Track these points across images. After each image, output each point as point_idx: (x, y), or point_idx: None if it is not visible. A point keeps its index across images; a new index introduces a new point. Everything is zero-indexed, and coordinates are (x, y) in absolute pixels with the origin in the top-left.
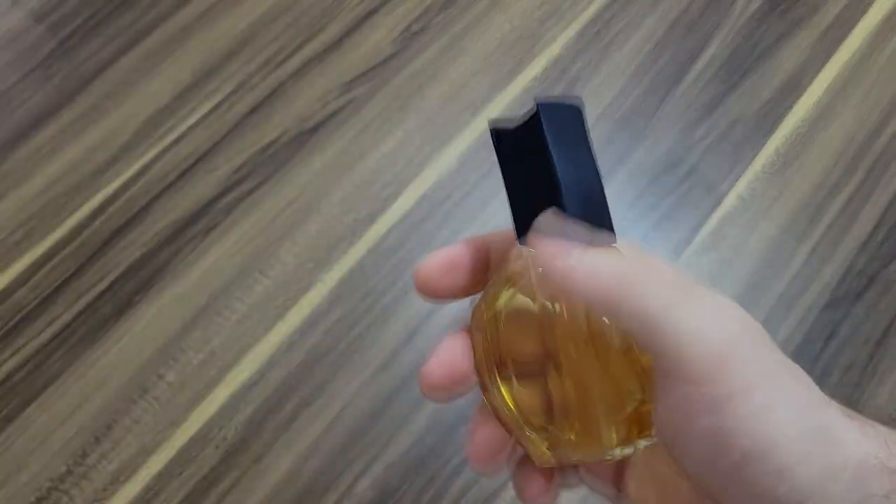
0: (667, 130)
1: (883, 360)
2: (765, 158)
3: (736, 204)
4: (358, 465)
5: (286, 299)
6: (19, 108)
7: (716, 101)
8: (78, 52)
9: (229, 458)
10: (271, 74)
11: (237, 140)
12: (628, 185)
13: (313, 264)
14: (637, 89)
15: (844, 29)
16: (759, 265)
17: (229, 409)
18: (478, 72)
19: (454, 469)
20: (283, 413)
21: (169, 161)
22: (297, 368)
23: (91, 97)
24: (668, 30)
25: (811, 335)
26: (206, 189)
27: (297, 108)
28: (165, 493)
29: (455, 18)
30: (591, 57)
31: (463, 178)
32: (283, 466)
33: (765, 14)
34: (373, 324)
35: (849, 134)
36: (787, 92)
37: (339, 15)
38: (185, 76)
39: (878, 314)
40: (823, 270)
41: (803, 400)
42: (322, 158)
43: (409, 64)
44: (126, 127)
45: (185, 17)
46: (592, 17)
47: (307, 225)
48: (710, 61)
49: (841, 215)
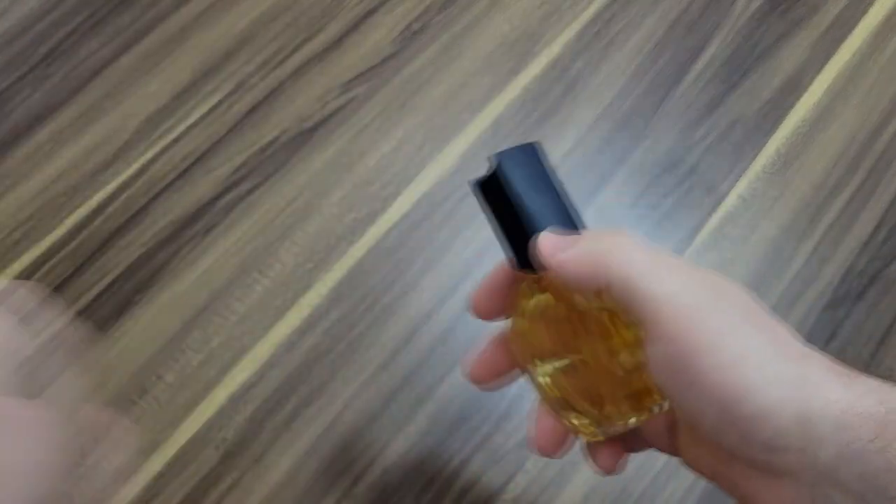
0: (667, 130)
1: (884, 359)
2: (765, 158)
3: (736, 204)
4: (358, 465)
5: (286, 299)
6: (18, 108)
7: (716, 101)
8: (77, 52)
9: (229, 458)
10: (270, 74)
11: (236, 140)
12: (628, 185)
13: (313, 264)
14: (637, 89)
15: (845, 29)
16: (759, 265)
17: (229, 410)
18: (478, 71)
19: (454, 469)
20: (283, 413)
21: (168, 161)
22: (297, 369)
23: (90, 97)
24: (668, 30)
25: (812, 335)
26: (205, 189)
27: (297, 107)
28: (165, 493)
29: (455, 18)
30: (591, 57)
31: (463, 178)
32: (283, 467)
33: (765, 14)
34: (373, 324)
35: (850, 134)
36: (788, 92)
37: (338, 14)
38: (184, 76)
39: (879, 314)
40: (824, 270)
41: (779, 351)
42: (322, 158)
43: (408, 63)
44: (125, 127)
45: (183, 17)
46: (592, 16)
47: (307, 225)
48: (710, 61)
49: (842, 215)
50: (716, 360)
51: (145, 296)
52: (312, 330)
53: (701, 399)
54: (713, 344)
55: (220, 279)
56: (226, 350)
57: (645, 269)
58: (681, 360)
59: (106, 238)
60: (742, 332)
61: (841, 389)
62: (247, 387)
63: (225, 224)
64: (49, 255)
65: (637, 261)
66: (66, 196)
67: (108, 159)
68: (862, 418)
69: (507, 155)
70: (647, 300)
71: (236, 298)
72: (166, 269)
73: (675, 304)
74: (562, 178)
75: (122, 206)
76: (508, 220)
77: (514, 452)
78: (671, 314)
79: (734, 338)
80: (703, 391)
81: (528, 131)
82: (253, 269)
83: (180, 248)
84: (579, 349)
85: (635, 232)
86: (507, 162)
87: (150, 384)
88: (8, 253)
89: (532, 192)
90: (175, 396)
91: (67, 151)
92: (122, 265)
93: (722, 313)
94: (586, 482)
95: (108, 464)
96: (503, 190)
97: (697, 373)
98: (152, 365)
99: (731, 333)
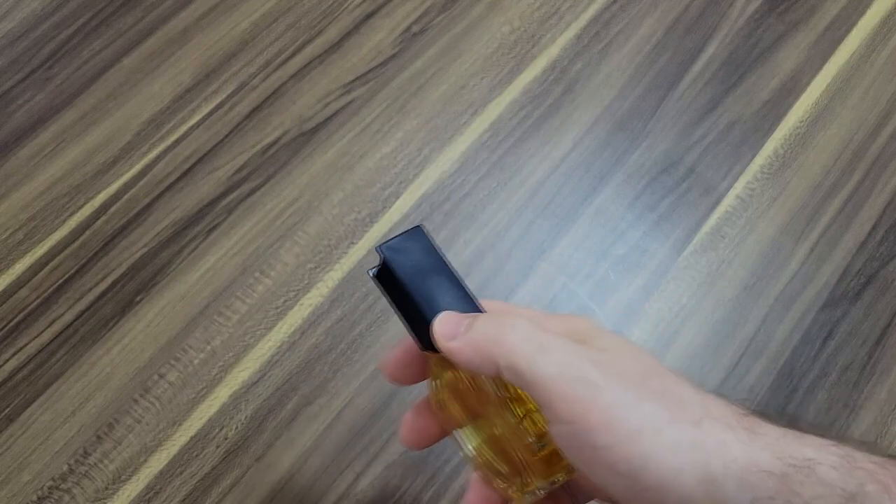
0: (665, 131)
1: (881, 359)
2: (763, 159)
3: (734, 204)
4: (359, 463)
5: (287, 299)
6: (21, 109)
7: (714, 102)
8: (79, 53)
9: (230, 457)
10: (272, 75)
11: (238, 141)
12: (627, 185)
13: (314, 264)
14: (636, 90)
15: (843, 30)
16: (757, 265)
17: (230, 409)
18: (477, 73)
19: (454, 468)
20: (284, 412)
21: (170, 161)
22: (298, 368)
23: (92, 98)
24: (667, 31)
25: (809, 335)
26: (207, 189)
27: (298, 108)
28: (167, 491)
29: (455, 20)
30: (590, 58)
31: (463, 179)
32: (285, 465)
33: (763, 15)
34: (373, 324)
35: (847, 134)
36: (786, 93)
37: (339, 16)
38: (187, 77)
39: (876, 314)
40: (822, 270)
41: (674, 416)
42: (323, 159)
43: (409, 65)
44: (127, 127)
45: (185, 19)
46: (591, 18)
47: (308, 225)
48: (708, 62)
49: (839, 215)
50: (612, 437)
51: (147, 295)
52: (313, 329)
53: (606, 471)
54: (607, 421)
55: (221, 279)
56: (227, 349)
57: (528, 354)
58: (580, 438)
59: (108, 238)
60: (634, 404)
61: (740, 448)
62: (248, 385)
63: (227, 224)
64: (52, 255)
65: (520, 347)
66: (68, 196)
67: (110, 160)
68: (762, 475)
69: (393, 246)
70: (535, 385)
71: (238, 298)
72: (168, 269)
73: (563, 385)
74: (560, 179)
75: (124, 206)
76: (405, 307)
77: None
78: (561, 395)
79: (627, 410)
80: (606, 465)
81: (527, 132)
82: (254, 268)
83: (182, 248)
84: (490, 419)
85: (634, 233)
86: (394, 253)
87: (153, 383)
88: (11, 253)
89: (422, 278)
90: (177, 395)
91: (70, 152)
92: (124, 265)
93: (613, 387)
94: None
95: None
96: (395, 280)
97: (597, 449)
98: (154, 364)
99: (623, 406)
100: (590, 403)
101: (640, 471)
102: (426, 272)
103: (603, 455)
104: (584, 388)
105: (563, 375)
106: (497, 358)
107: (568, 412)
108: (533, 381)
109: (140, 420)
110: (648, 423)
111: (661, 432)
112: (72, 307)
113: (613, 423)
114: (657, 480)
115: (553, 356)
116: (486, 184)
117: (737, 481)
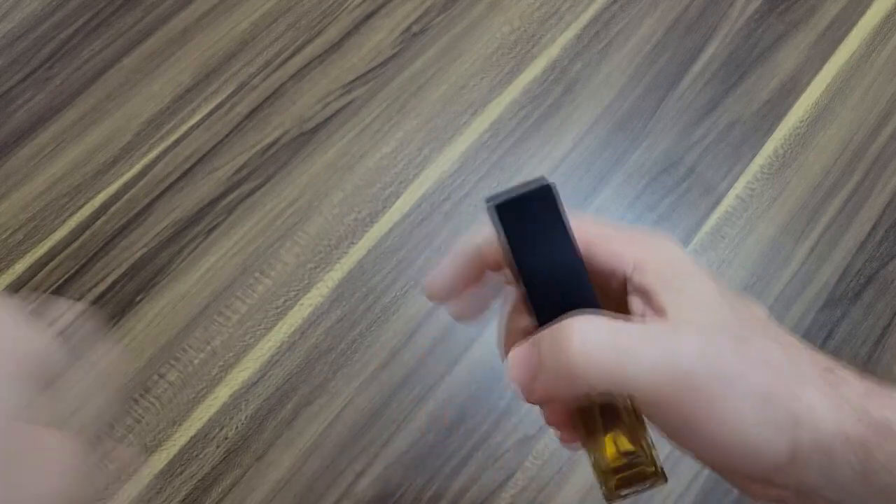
0: (665, 131)
1: (881, 359)
2: (763, 159)
3: (734, 204)
4: (359, 463)
5: (287, 299)
6: (21, 109)
7: (714, 102)
8: (79, 53)
9: (230, 456)
10: (272, 75)
11: (238, 141)
12: (627, 185)
13: (314, 264)
14: (636, 90)
15: (843, 30)
16: (757, 265)
17: (230, 408)
18: (477, 73)
19: (454, 468)
20: (284, 412)
21: (170, 161)
22: (298, 367)
23: (92, 98)
24: (667, 31)
25: (809, 335)
26: (207, 189)
27: (298, 108)
28: (167, 491)
29: (455, 20)
30: (591, 58)
31: (463, 179)
32: (284, 465)
33: (763, 15)
34: (373, 324)
35: (847, 134)
36: (786, 93)
37: (339, 16)
38: (186, 77)
39: (876, 314)
40: (822, 270)
41: (771, 395)
42: (323, 159)
43: (409, 65)
44: (127, 127)
45: (185, 19)
46: (591, 18)
47: (308, 225)
48: (708, 62)
49: (839, 215)
50: (714, 423)
51: (147, 295)
52: (313, 329)
53: (696, 447)
54: (707, 408)
55: (221, 279)
56: (227, 349)
57: (607, 370)
58: (678, 427)
59: (108, 238)
60: (735, 386)
61: (828, 414)
62: (248, 385)
63: (227, 224)
64: (52, 255)
65: (594, 361)
66: (68, 196)
67: (110, 160)
68: (846, 442)
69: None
70: (629, 387)
71: (238, 298)
72: (168, 269)
73: (658, 388)
74: (559, 179)
75: (124, 206)
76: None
77: (513, 451)
78: (656, 399)
79: (729, 392)
80: (697, 441)
81: (527, 132)
82: (254, 268)
83: (182, 248)
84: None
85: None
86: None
87: (153, 383)
88: (11, 253)
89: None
90: (177, 395)
91: (70, 152)
92: (124, 265)
93: (712, 375)
94: (585, 481)
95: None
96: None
97: (695, 434)
98: (154, 364)
99: (727, 389)
100: (687, 394)
101: (731, 446)
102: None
103: (699, 436)
104: (679, 381)
105: (656, 374)
106: (585, 381)
107: (666, 409)
108: (627, 385)
109: (140, 420)
110: (746, 404)
111: (759, 411)
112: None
113: (714, 406)
114: (749, 451)
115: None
116: (487, 184)
117: (823, 451)
